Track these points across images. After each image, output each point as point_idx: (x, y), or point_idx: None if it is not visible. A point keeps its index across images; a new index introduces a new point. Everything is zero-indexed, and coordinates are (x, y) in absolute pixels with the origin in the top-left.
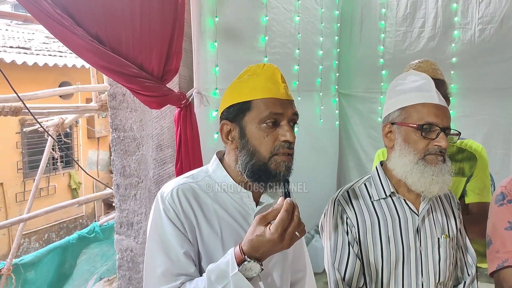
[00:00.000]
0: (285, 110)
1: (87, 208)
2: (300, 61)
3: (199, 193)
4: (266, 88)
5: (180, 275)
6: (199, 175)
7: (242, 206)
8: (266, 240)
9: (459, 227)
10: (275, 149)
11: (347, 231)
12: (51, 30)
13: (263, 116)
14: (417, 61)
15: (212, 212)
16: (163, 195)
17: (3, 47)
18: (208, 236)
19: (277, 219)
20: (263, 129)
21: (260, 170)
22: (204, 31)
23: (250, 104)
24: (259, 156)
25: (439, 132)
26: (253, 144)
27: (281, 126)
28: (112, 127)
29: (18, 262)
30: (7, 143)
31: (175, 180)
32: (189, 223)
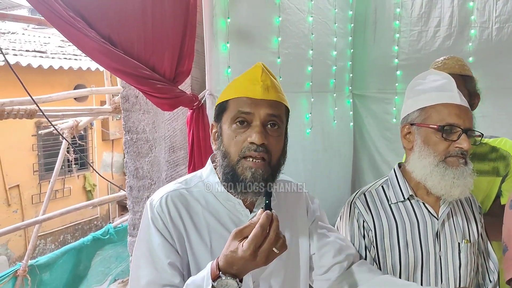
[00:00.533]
0: (256, 109)
1: (102, 210)
2: (314, 62)
3: (190, 201)
4: (242, 87)
5: (164, 286)
6: (192, 181)
7: (235, 214)
8: (238, 257)
9: (481, 231)
10: (242, 151)
11: (363, 235)
12: (63, 32)
13: (233, 115)
14: (443, 58)
15: (202, 221)
16: (152, 203)
17: (20, 50)
18: (197, 246)
19: (250, 235)
20: (233, 129)
21: (229, 173)
22: (216, 32)
23: (227, 104)
24: (229, 158)
25: (460, 133)
26: (224, 144)
27: (252, 127)
28: (125, 129)
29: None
30: (24, 145)
31: (166, 186)
32: (178, 232)
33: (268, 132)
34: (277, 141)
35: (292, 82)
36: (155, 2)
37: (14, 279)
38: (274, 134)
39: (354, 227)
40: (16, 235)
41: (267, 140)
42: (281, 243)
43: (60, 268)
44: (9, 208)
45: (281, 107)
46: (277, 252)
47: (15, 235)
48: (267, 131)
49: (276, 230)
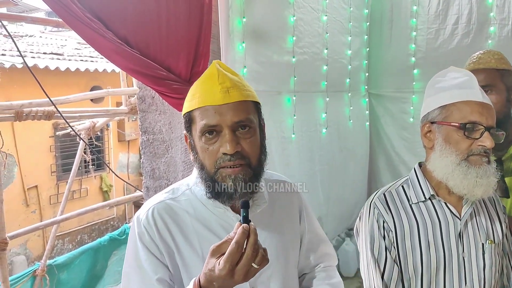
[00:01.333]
0: (222, 118)
1: (118, 210)
2: (329, 61)
3: (177, 211)
4: (202, 94)
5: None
6: (179, 190)
7: (224, 220)
8: (216, 276)
9: (505, 232)
10: (218, 163)
11: (383, 236)
12: (81, 33)
13: (200, 128)
14: (478, 53)
15: (192, 230)
16: (139, 217)
17: (37, 53)
18: (189, 257)
19: (226, 252)
20: (204, 141)
21: (210, 186)
22: (232, 32)
23: (192, 115)
24: (206, 170)
25: (483, 131)
26: (200, 156)
27: (221, 136)
28: (141, 130)
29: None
30: (41, 146)
31: (153, 198)
32: (166, 246)
33: (239, 136)
34: (251, 143)
35: (307, 81)
36: (169, 3)
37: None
38: (246, 136)
39: (374, 228)
40: (34, 235)
41: (240, 146)
42: (260, 258)
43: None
44: (27, 208)
45: (248, 106)
46: (257, 267)
47: (33, 235)
48: (238, 136)
49: (254, 245)
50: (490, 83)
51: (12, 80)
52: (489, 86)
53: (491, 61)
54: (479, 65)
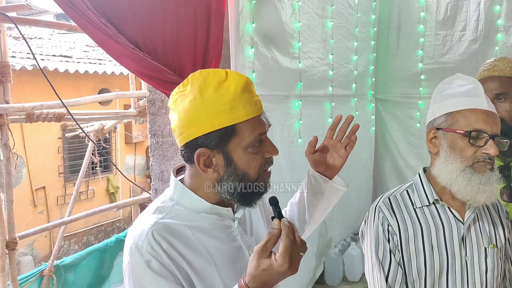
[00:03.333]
0: (264, 127)
1: (124, 212)
2: (334, 67)
3: (176, 228)
4: (247, 106)
5: None
6: (165, 207)
7: (221, 224)
8: (275, 273)
9: (508, 236)
10: (262, 168)
11: (388, 239)
12: (94, 38)
13: (251, 140)
14: (493, 60)
15: (197, 243)
16: (138, 245)
17: (47, 55)
18: (202, 269)
19: (281, 248)
20: (250, 151)
21: (247, 192)
22: (241, 37)
23: (235, 128)
24: (248, 178)
25: (487, 139)
26: (241, 169)
27: (264, 143)
28: (150, 132)
29: (59, 263)
30: (50, 148)
31: (141, 222)
32: (178, 266)
33: None
34: None
35: (314, 86)
36: (178, 9)
37: (40, 279)
38: None
39: (378, 231)
40: (41, 236)
41: None
42: (304, 246)
43: (85, 268)
44: (35, 209)
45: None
46: (302, 255)
47: (40, 235)
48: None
49: (299, 236)
50: (504, 92)
51: (21, 82)
52: (503, 95)
53: (506, 69)
54: (494, 72)
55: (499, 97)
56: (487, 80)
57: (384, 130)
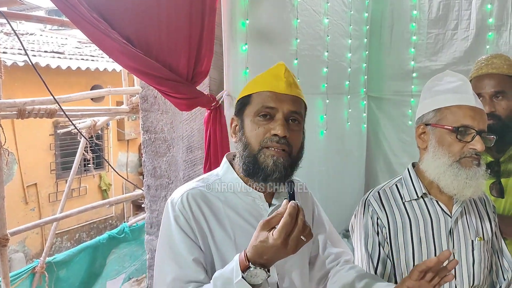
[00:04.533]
0: (280, 104)
1: (117, 209)
2: (329, 64)
3: (210, 198)
4: (266, 82)
5: (189, 282)
6: (209, 179)
7: (254, 208)
8: (269, 246)
9: (494, 230)
10: (264, 142)
11: (377, 232)
12: (87, 33)
13: (257, 109)
14: (489, 56)
15: (224, 216)
16: (173, 201)
17: (38, 51)
18: (222, 241)
19: (280, 224)
20: (256, 121)
21: (250, 162)
22: (235, 33)
23: (250, 98)
24: (250, 148)
25: (474, 135)
26: (246, 136)
27: (275, 120)
28: (143, 129)
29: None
30: (41, 145)
31: (185, 185)
32: (200, 229)
33: (289, 126)
34: (297, 136)
35: (308, 83)
36: (170, 5)
37: (32, 276)
38: (295, 128)
39: (368, 224)
40: (33, 233)
41: (288, 133)
42: (308, 231)
43: (77, 265)
44: (26, 206)
45: (302, 104)
46: (304, 240)
47: (32, 232)
48: (289, 125)
49: (303, 219)
50: (502, 90)
51: (13, 78)
52: (501, 93)
53: (504, 66)
54: (492, 70)
55: (497, 95)
56: (485, 76)
57: (376, 128)
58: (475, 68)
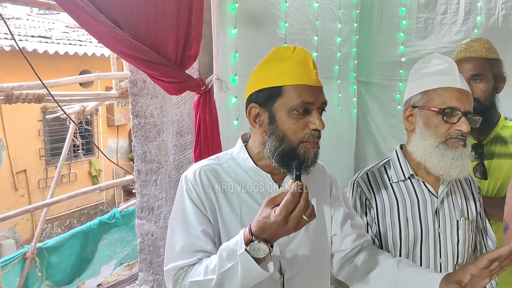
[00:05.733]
0: (316, 98)
1: (107, 195)
2: (319, 48)
3: (221, 174)
4: (298, 73)
5: (198, 251)
6: (223, 157)
7: (264, 188)
8: (271, 223)
9: (479, 210)
10: (305, 137)
11: (365, 212)
12: (74, 16)
13: (294, 104)
14: (469, 40)
15: (233, 193)
16: (187, 176)
17: (25, 36)
18: (228, 215)
19: (282, 202)
20: (293, 116)
21: (289, 155)
22: (224, 17)
23: (281, 90)
24: (289, 141)
25: (460, 116)
26: (282, 130)
27: (312, 114)
28: (133, 113)
29: (42, 246)
30: (30, 130)
31: (200, 162)
32: (210, 202)
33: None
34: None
35: None
36: None
37: (23, 261)
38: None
39: (356, 205)
40: (23, 219)
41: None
42: (310, 211)
43: (68, 250)
44: (16, 192)
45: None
46: (306, 220)
47: (22, 218)
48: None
49: (306, 199)
50: (480, 72)
51: None
52: (479, 75)
53: (482, 49)
54: (471, 53)
55: (475, 78)
56: (464, 60)
57: (366, 112)
58: (455, 53)
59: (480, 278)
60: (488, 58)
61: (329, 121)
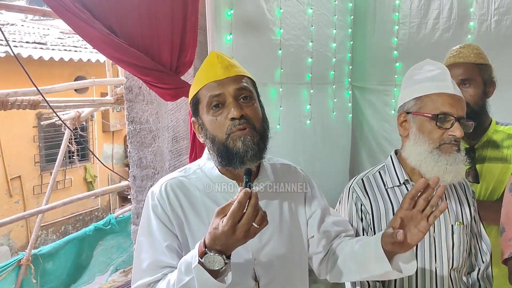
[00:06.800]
0: (224, 88)
1: (103, 201)
2: (314, 54)
3: (188, 187)
4: (205, 75)
5: (164, 267)
6: (191, 169)
7: (231, 195)
8: (219, 233)
9: (474, 214)
10: (228, 129)
11: (361, 218)
12: (70, 24)
13: (206, 102)
14: (459, 47)
15: (201, 204)
16: (153, 191)
17: (20, 42)
18: (198, 228)
19: (229, 211)
20: (211, 113)
21: (223, 152)
22: (219, 23)
23: (198, 95)
24: (218, 139)
25: (453, 122)
26: (210, 131)
27: (226, 106)
28: (128, 119)
29: (37, 252)
30: (25, 137)
31: (167, 175)
32: (176, 217)
33: (242, 104)
34: (253, 109)
35: (293, 73)
36: None
37: (18, 268)
38: (248, 104)
39: (352, 210)
40: (18, 226)
41: (244, 111)
42: (260, 218)
43: (63, 257)
44: (11, 199)
45: (246, 80)
46: (257, 227)
47: (17, 225)
48: (241, 104)
49: (254, 206)
50: (469, 77)
51: None
52: (468, 80)
53: (470, 55)
54: (459, 59)
55: (464, 83)
56: (453, 66)
57: (361, 117)
58: (445, 59)
59: (415, 222)
60: (476, 63)
61: (324, 126)
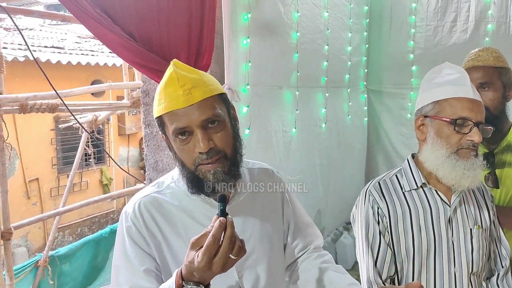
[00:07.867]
0: (189, 119)
1: (118, 204)
2: (329, 57)
3: (163, 204)
4: (166, 100)
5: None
6: (164, 183)
7: (208, 210)
8: (195, 268)
9: (493, 218)
10: (196, 161)
11: (378, 221)
12: (90, 28)
13: (172, 132)
14: (477, 50)
15: (178, 221)
16: (127, 211)
17: (38, 46)
18: (177, 247)
19: (204, 246)
20: (178, 142)
21: (193, 180)
22: (236, 27)
23: (162, 119)
24: (187, 167)
25: (472, 126)
26: (178, 156)
27: (194, 136)
28: (145, 123)
29: (54, 254)
30: (43, 140)
31: (139, 192)
32: (153, 238)
33: (211, 132)
34: (223, 136)
35: (309, 77)
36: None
37: (36, 269)
38: (217, 130)
39: (369, 214)
40: (35, 227)
41: (213, 143)
42: (237, 249)
43: (80, 259)
44: (28, 201)
45: (213, 101)
46: (234, 258)
47: (34, 227)
48: (209, 132)
49: (231, 238)
50: (488, 81)
51: (13, 74)
52: (487, 84)
53: (490, 58)
54: (478, 62)
55: (483, 86)
56: (471, 69)
57: (376, 121)
58: (463, 62)
59: None
60: (496, 66)
61: (339, 130)
